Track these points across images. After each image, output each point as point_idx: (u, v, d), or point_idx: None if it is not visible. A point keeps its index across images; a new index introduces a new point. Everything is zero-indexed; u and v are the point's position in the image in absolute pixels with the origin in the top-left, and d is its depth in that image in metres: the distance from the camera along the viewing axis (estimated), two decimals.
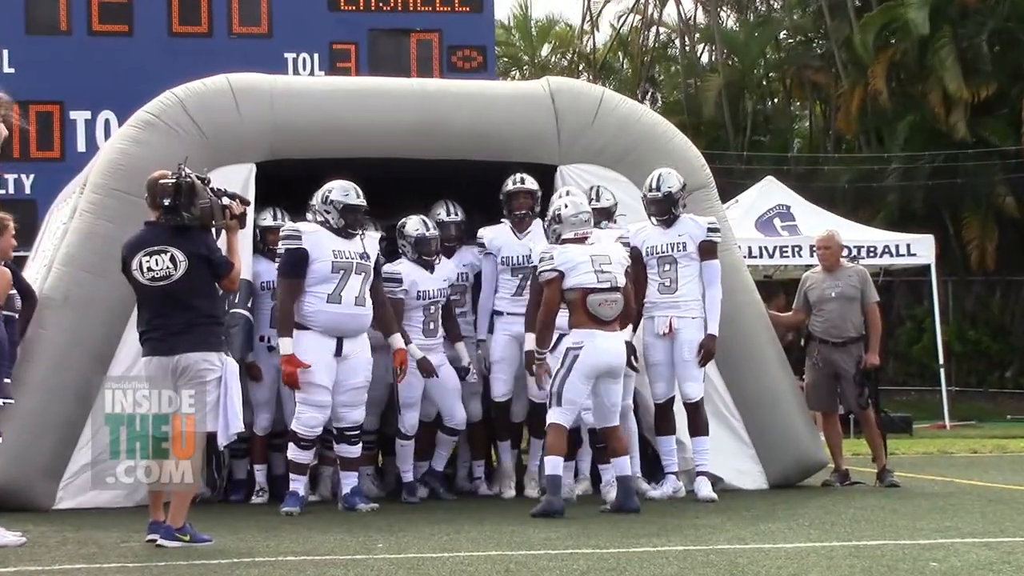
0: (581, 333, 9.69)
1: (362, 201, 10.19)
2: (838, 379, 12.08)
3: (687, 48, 41.80)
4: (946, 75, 29.82)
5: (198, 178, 8.35)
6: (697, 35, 41.53)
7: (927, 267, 22.43)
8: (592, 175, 11.48)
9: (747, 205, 21.78)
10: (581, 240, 9.94)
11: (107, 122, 17.58)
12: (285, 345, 9.96)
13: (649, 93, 42.14)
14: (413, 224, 10.96)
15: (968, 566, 7.11)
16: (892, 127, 32.33)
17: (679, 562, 7.34)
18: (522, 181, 11.16)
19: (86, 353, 10.43)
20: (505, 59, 41.29)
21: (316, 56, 17.65)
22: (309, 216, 10.28)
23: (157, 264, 8.30)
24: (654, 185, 10.92)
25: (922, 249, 21.89)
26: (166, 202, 8.27)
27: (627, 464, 9.87)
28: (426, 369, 10.68)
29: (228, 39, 17.48)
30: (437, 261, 10.98)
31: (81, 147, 17.90)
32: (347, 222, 10.11)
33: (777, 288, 19.07)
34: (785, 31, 38.34)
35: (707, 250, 10.88)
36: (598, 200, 11.13)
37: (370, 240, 10.31)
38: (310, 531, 8.86)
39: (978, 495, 11.15)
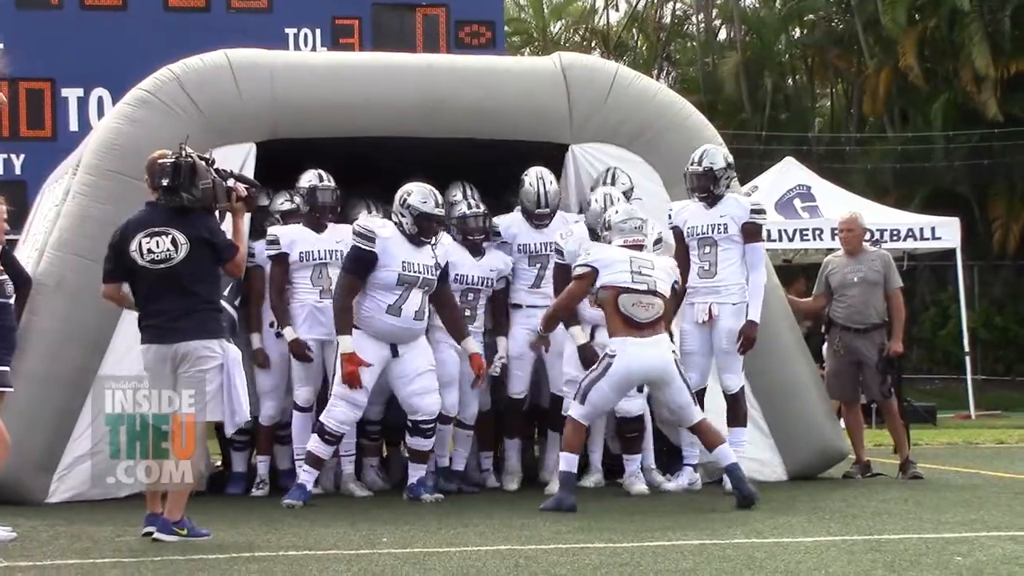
0: (615, 341, 9.42)
1: (440, 211, 10.02)
2: (860, 367, 11.92)
3: (704, 25, 41.57)
4: (975, 51, 29.62)
5: (200, 158, 8.16)
6: (715, 11, 41.30)
7: (952, 251, 22.21)
8: (605, 155, 11.30)
9: (766, 186, 21.54)
10: (635, 248, 9.71)
11: (100, 100, 17.49)
12: (345, 343, 9.71)
13: (665, 71, 41.96)
14: (458, 208, 10.88)
15: (994, 560, 7.06)
16: (925, 107, 32.14)
17: (694, 556, 7.28)
18: (546, 203, 10.91)
19: (80, 341, 10.25)
20: (516, 36, 41.11)
21: (318, 31, 17.54)
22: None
23: (158, 246, 8.09)
24: (696, 159, 10.64)
25: (947, 232, 21.69)
26: (164, 182, 8.08)
27: (730, 453, 9.61)
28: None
29: (227, 13, 17.38)
30: (485, 244, 10.87)
31: (73, 126, 17.79)
32: (421, 230, 9.89)
33: (797, 272, 18.93)
34: (808, 12, 38.09)
35: (751, 232, 10.58)
36: (613, 183, 10.94)
37: (442, 248, 10.15)
38: (312, 525, 8.75)
39: (1004, 487, 11.07)
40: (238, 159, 10.46)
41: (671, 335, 9.97)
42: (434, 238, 10.00)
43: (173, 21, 17.20)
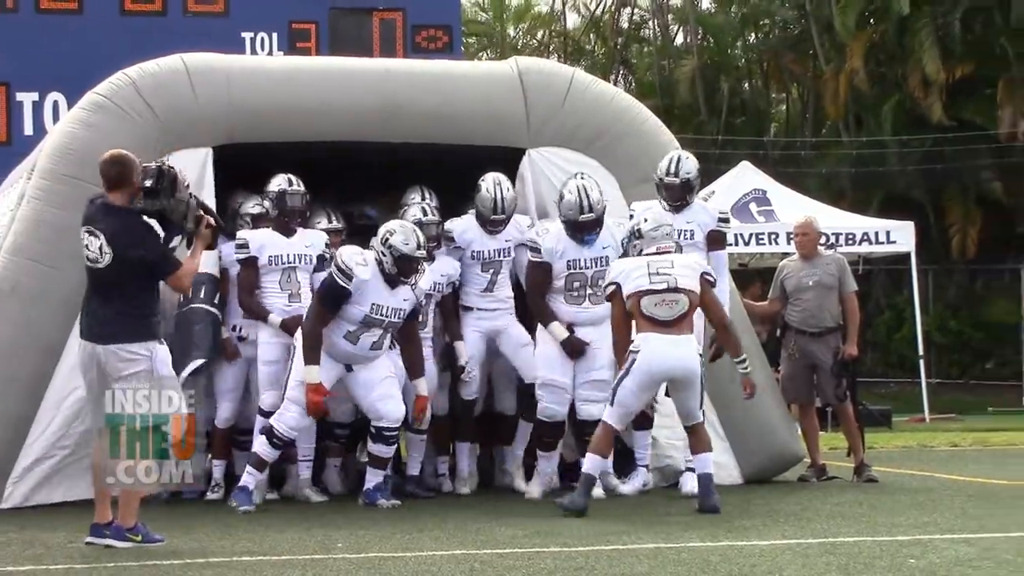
0: (638, 337, 9.45)
1: (422, 252, 10.00)
2: (815, 370, 11.94)
3: (660, 29, 41.60)
4: (924, 56, 29.76)
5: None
6: (671, 16, 41.35)
7: (907, 255, 22.29)
8: (562, 159, 11.29)
9: (722, 190, 21.58)
10: (666, 253, 9.68)
11: (56, 104, 17.38)
12: (312, 374, 9.77)
13: (622, 75, 41.96)
14: (412, 214, 10.70)
15: (947, 563, 7.09)
16: (874, 111, 32.28)
17: (649, 560, 7.30)
18: (503, 210, 10.82)
19: (36, 345, 10.18)
20: (473, 38, 41.06)
21: (275, 35, 17.47)
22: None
23: (91, 246, 8.09)
24: (672, 169, 10.69)
25: (902, 236, 21.77)
26: (148, 183, 8.06)
27: (709, 463, 9.60)
28: None
29: (183, 17, 17.29)
30: (437, 251, 10.77)
31: (28, 130, 17.70)
32: (400, 271, 9.88)
33: (753, 277, 18.97)
34: (763, 16, 38.20)
35: (716, 240, 10.70)
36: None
37: (417, 290, 10.13)
38: (267, 530, 8.72)
39: (958, 490, 11.11)
40: (195, 164, 10.44)
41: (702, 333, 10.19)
42: (414, 277, 9.98)
43: (129, 25, 17.09)
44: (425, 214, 10.81)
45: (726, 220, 10.82)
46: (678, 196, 10.62)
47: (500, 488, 11.16)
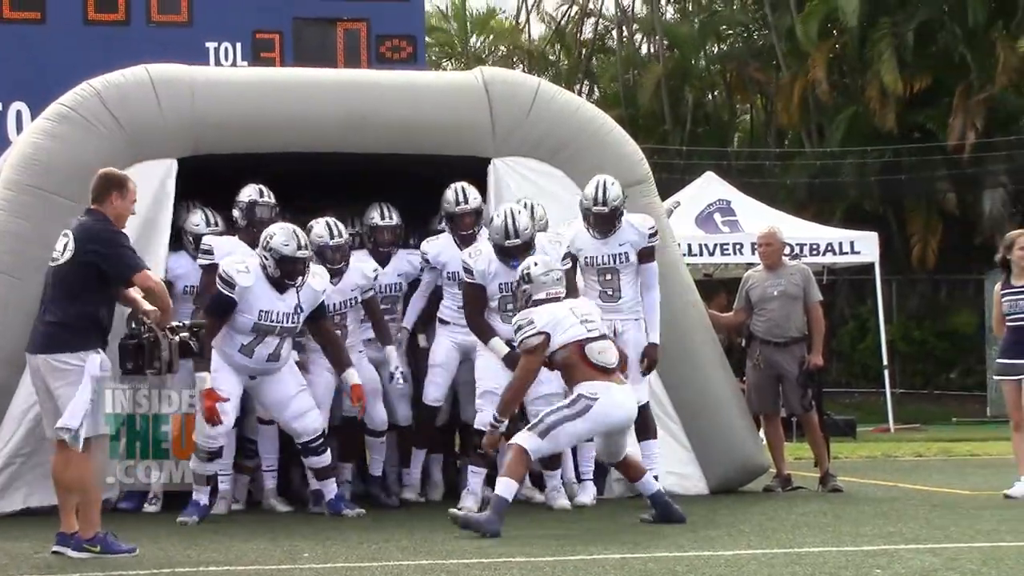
0: (595, 385, 9.03)
1: (305, 253, 9.81)
2: (780, 380, 11.96)
3: (625, 39, 41.66)
4: (883, 67, 29.90)
5: (156, 326, 8.04)
6: (636, 26, 41.42)
7: (871, 265, 22.37)
8: (527, 169, 11.31)
9: (687, 201, 21.63)
10: (554, 300, 9.39)
11: (19, 114, 17.16)
12: (203, 381, 9.51)
13: (586, 85, 42.00)
14: (316, 231, 10.51)
15: (912, 573, 7.11)
16: (833, 121, 32.42)
17: (616, 570, 7.28)
18: (465, 200, 10.84)
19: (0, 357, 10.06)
20: (437, 48, 41.05)
21: (239, 45, 17.30)
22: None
23: (58, 246, 8.04)
24: (600, 198, 10.52)
25: (866, 247, 21.84)
26: (128, 366, 8.10)
27: (652, 483, 9.46)
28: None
29: (147, 27, 17.10)
30: (344, 267, 10.58)
31: None
32: (283, 273, 9.77)
33: (718, 287, 18.96)
34: (726, 25, 38.29)
35: (647, 254, 10.66)
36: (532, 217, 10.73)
37: (307, 292, 9.91)
38: (232, 540, 8.70)
39: (922, 500, 11.16)
40: (159, 175, 10.42)
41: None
42: (300, 279, 9.82)
43: (93, 35, 16.91)
44: (383, 217, 10.95)
45: (655, 234, 10.65)
46: (608, 226, 10.55)
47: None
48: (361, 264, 10.75)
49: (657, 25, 38.41)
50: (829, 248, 21.54)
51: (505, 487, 8.90)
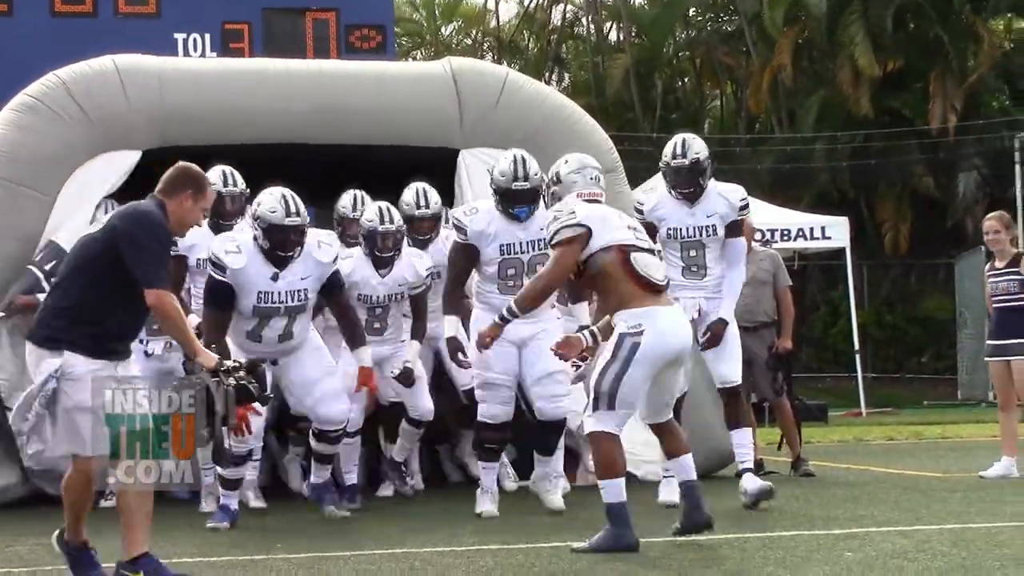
0: (637, 313, 7.38)
1: (295, 220, 8.83)
2: (750, 366, 11.91)
3: (594, 26, 41.62)
4: (856, 51, 29.96)
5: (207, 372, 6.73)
6: (604, 12, 41.37)
7: (842, 250, 22.41)
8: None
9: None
10: (593, 203, 7.91)
11: None
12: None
13: (556, 72, 41.96)
14: (368, 215, 9.85)
15: (883, 555, 7.10)
16: (803, 106, 32.47)
17: (589, 557, 7.27)
18: (426, 204, 10.30)
19: None
20: (405, 38, 40.96)
21: (207, 36, 17.25)
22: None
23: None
24: (679, 151, 9.45)
25: (837, 232, 21.90)
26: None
27: (690, 465, 7.91)
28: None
29: (114, 19, 17.04)
30: (395, 257, 9.83)
31: None
32: (273, 243, 8.84)
33: None
34: (694, 8, 38.29)
35: (735, 228, 9.56)
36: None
37: (311, 263, 8.98)
38: (205, 531, 8.72)
39: (894, 483, 11.16)
40: (125, 166, 10.39)
41: None
42: (296, 250, 8.92)
43: (60, 27, 16.83)
44: (419, 207, 10.22)
45: (746, 206, 9.65)
46: (689, 181, 9.42)
47: (446, 486, 11.19)
48: (415, 260, 9.99)
49: (624, 11, 38.37)
50: (800, 233, 21.59)
51: (610, 491, 7.49)
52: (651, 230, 9.14)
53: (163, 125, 10.76)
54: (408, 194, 10.38)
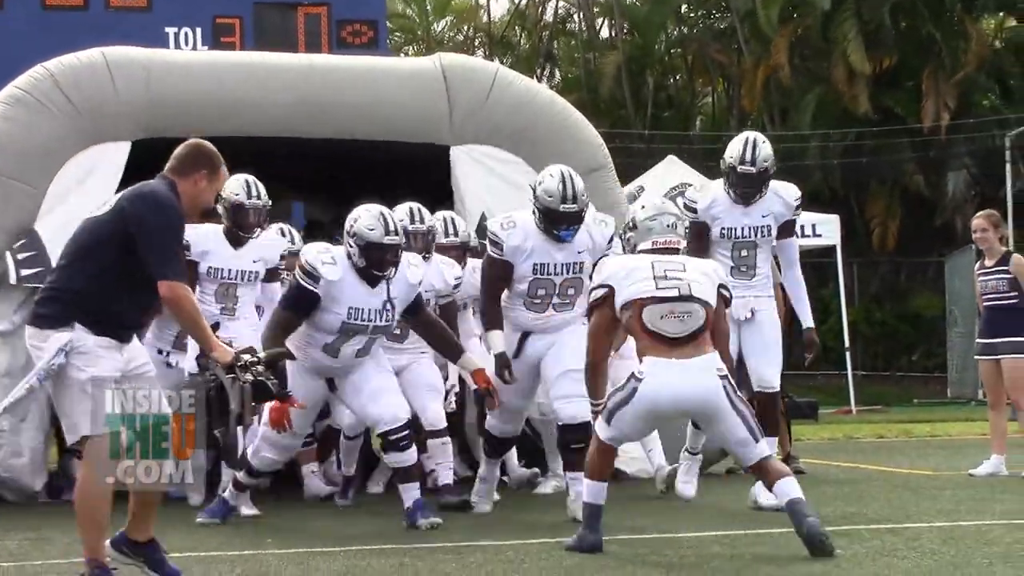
0: (647, 362, 7.32)
1: (395, 239, 8.44)
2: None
3: (586, 22, 41.62)
4: (849, 48, 29.99)
5: (227, 367, 6.40)
6: (596, 9, 41.37)
7: (832, 248, 22.41)
8: (486, 156, 11.25)
9: (649, 185, 21.60)
10: (668, 252, 7.72)
11: None
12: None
13: (547, 69, 41.95)
14: (397, 214, 9.08)
15: (873, 552, 7.14)
16: (797, 104, 32.48)
17: (578, 553, 7.26)
18: (421, 219, 9.81)
19: None
20: (397, 33, 40.93)
21: (199, 30, 17.22)
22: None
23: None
24: (748, 156, 9.09)
25: (827, 230, 21.91)
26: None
27: (792, 488, 7.32)
28: None
29: (105, 12, 17.02)
30: (424, 259, 9.33)
31: None
32: (370, 262, 8.43)
33: None
34: (686, 4, 38.30)
35: (788, 228, 9.31)
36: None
37: (400, 284, 8.58)
38: (193, 527, 8.67)
39: (884, 481, 11.19)
40: (114, 157, 10.33)
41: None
42: (392, 270, 8.52)
43: (51, 20, 16.80)
44: (412, 220, 9.71)
45: (800, 205, 9.37)
46: (753, 189, 9.14)
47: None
48: (445, 267, 9.74)
49: (616, 7, 38.36)
50: None
51: (592, 492, 7.46)
52: (703, 229, 9.11)
53: (150, 117, 10.69)
54: (401, 211, 9.93)
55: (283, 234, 10.54)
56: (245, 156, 10.63)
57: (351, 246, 8.42)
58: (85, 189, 10.03)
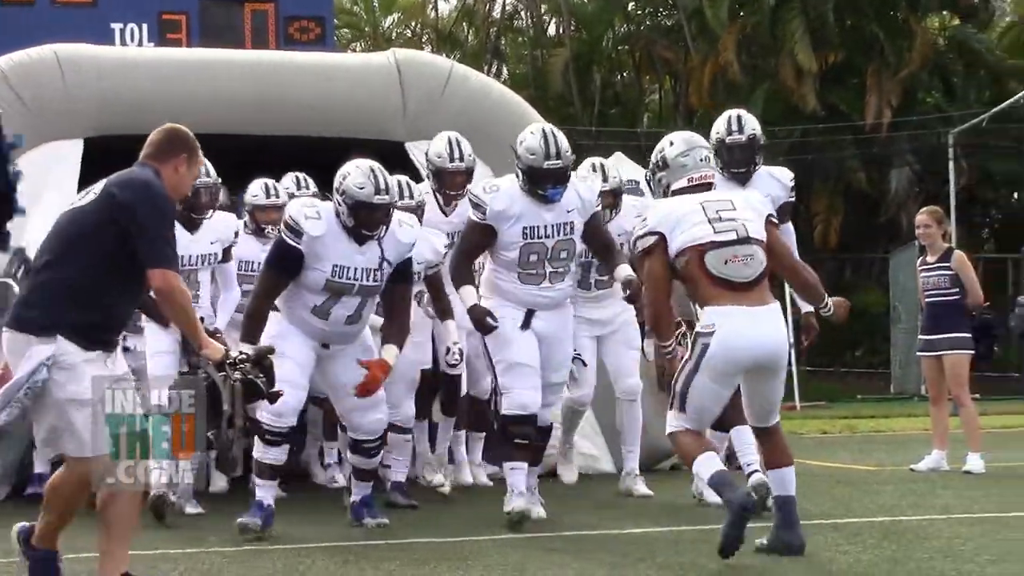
0: (714, 312, 6.92)
1: (384, 198, 7.97)
2: None
3: (533, 19, 41.59)
4: (796, 46, 30.12)
5: (218, 366, 6.17)
6: (544, 6, 41.35)
7: None
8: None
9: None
10: (702, 188, 7.37)
11: None
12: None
13: (495, 66, 41.89)
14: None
15: (815, 548, 7.18)
16: (746, 101, 32.56)
17: (524, 548, 7.34)
18: (460, 157, 9.78)
19: None
20: (345, 30, 40.80)
21: (145, 26, 17.07)
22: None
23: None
24: (734, 127, 8.81)
25: None
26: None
27: (790, 480, 7.27)
28: None
29: (51, 8, 16.87)
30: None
31: None
32: (359, 222, 7.97)
33: None
34: (634, 2, 38.35)
35: (785, 212, 8.79)
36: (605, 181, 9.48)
37: (393, 243, 8.13)
38: (137, 526, 8.49)
39: (827, 476, 11.24)
40: (67, 155, 10.33)
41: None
42: (382, 229, 8.05)
43: None
44: (402, 195, 9.08)
45: (795, 186, 9.13)
46: (746, 158, 8.80)
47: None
48: (434, 237, 9.30)
49: (564, 5, 38.37)
50: None
51: (703, 465, 6.97)
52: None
53: (101, 114, 10.72)
54: (439, 144, 9.84)
55: (299, 183, 10.24)
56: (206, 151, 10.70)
57: (339, 204, 7.98)
58: (46, 184, 10.01)
